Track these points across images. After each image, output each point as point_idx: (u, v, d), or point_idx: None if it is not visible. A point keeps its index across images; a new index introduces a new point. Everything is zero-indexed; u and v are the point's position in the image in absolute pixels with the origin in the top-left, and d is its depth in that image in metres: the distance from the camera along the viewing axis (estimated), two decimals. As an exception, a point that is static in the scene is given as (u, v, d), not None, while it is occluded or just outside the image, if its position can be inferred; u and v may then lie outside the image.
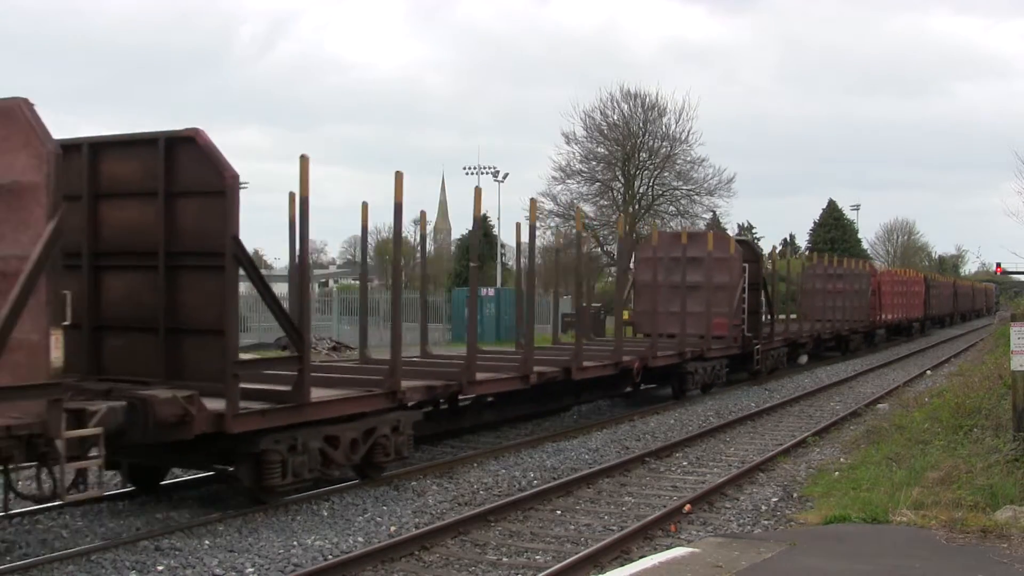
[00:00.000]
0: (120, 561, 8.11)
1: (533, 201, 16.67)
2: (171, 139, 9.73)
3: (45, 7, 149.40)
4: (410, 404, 11.99)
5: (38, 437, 7.64)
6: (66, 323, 7.85)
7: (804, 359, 29.15)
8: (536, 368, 14.79)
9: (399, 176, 11.74)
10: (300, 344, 10.08)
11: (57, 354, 7.58)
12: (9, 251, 7.73)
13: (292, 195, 12.80)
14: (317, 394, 10.39)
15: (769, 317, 25.77)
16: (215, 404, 9.20)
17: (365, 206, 15.15)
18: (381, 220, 73.13)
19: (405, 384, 11.79)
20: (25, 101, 7.71)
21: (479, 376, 13.68)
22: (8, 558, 8.19)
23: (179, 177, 9.69)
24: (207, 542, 8.79)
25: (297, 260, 12.02)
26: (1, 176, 7.79)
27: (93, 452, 8.05)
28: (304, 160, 10.35)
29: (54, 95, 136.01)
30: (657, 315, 21.36)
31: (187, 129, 9.60)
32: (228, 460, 10.00)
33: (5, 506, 8.46)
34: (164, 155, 9.70)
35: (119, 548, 8.45)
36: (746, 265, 23.53)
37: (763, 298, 25.25)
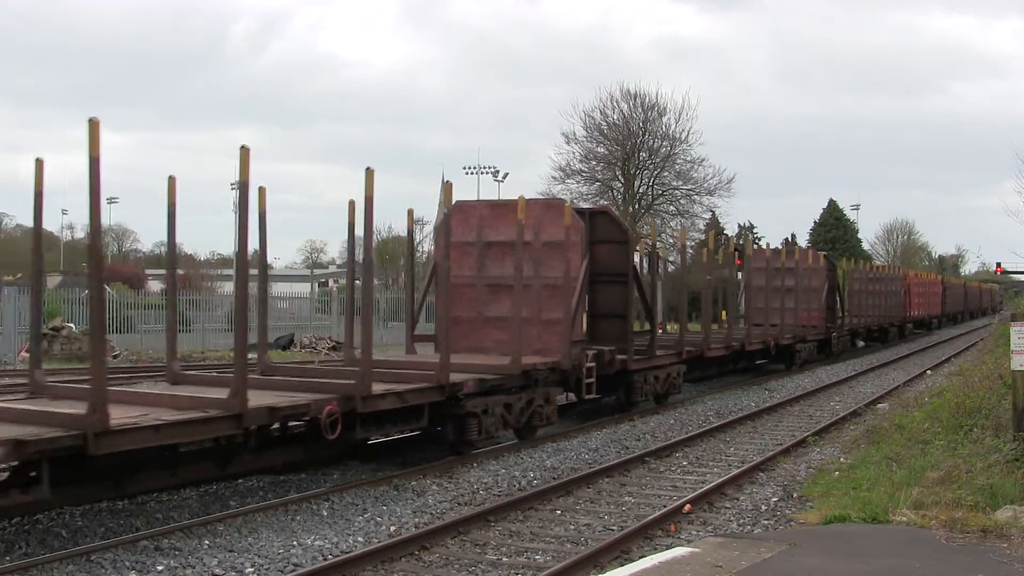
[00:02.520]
0: (120, 561, 8.11)
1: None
2: (593, 212, 18.03)
3: (37, 6, 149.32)
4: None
5: (574, 367, 15.54)
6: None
7: (861, 344, 37.62)
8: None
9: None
10: (652, 321, 19.40)
11: (581, 327, 16.47)
12: (552, 274, 15.78)
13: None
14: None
15: (842, 313, 33.99)
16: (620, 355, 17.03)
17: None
18: (381, 220, 73.15)
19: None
20: (562, 201, 15.18)
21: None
22: (8, 558, 8.19)
23: (598, 233, 17.47)
24: (207, 542, 8.79)
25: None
26: (553, 236, 15.76)
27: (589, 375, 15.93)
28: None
29: (49, 95, 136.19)
30: (769, 310, 26.78)
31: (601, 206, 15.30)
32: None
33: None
34: (590, 221, 17.34)
35: (119, 548, 8.45)
36: (828, 272, 31.64)
37: (836, 298, 33.25)
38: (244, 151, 9.98)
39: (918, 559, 7.66)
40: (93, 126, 8.39)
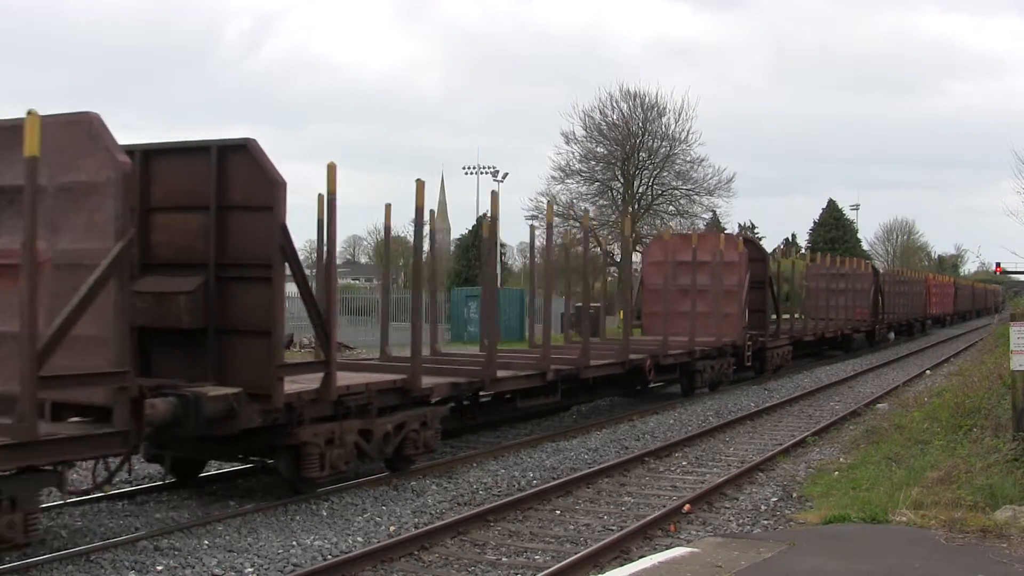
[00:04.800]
0: (119, 561, 8.11)
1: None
2: (747, 239, 19.60)
3: (30, 6, 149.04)
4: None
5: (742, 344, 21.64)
6: None
7: (892, 336, 43.30)
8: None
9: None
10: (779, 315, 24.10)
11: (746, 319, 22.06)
12: (728, 283, 20.05)
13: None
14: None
15: (883, 310, 40.75)
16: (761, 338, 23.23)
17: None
18: (380, 220, 73.12)
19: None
20: (736, 236, 16.28)
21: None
22: (7, 558, 8.18)
23: (751, 254, 22.46)
24: (206, 542, 8.78)
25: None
26: (730, 258, 20.96)
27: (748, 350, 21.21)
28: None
29: (44, 95, 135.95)
30: (828, 307, 31.85)
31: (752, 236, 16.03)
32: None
33: None
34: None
35: (118, 548, 8.44)
36: (873, 277, 39.58)
37: (879, 298, 40.03)
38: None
39: (918, 559, 7.66)
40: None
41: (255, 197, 9.74)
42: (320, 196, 11.79)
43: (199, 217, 10.01)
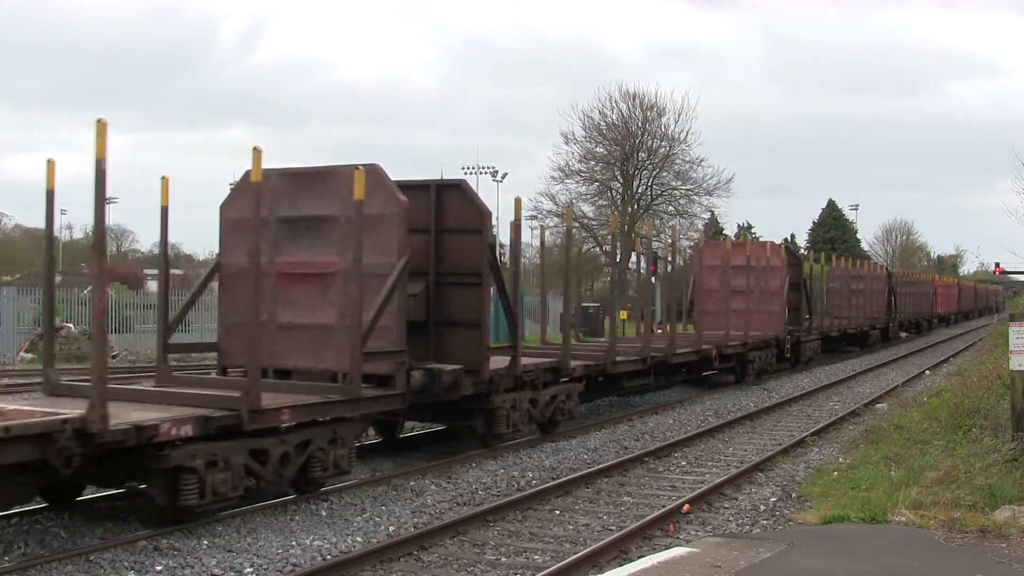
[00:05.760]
0: (119, 561, 8.11)
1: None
2: (788, 248, 23.12)
3: (24, 5, 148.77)
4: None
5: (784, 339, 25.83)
6: None
7: (904, 335, 46.92)
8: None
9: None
10: (812, 314, 28.03)
11: (786, 315, 26.36)
12: (773, 285, 25.77)
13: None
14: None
15: (895, 309, 43.78)
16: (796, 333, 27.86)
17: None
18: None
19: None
20: (780, 245, 18.75)
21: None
22: (7, 558, 8.18)
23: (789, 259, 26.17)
24: (205, 542, 8.78)
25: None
26: (774, 263, 24.83)
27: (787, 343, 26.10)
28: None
29: (40, 95, 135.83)
30: (840, 307, 34.58)
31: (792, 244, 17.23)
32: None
33: None
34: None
35: (117, 548, 8.45)
36: (887, 278, 42.93)
37: (892, 298, 43.12)
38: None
39: (917, 559, 7.66)
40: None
41: (467, 223, 12.81)
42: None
43: (423, 237, 12.79)
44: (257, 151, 9.78)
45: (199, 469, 8.95)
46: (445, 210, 12.92)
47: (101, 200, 8.27)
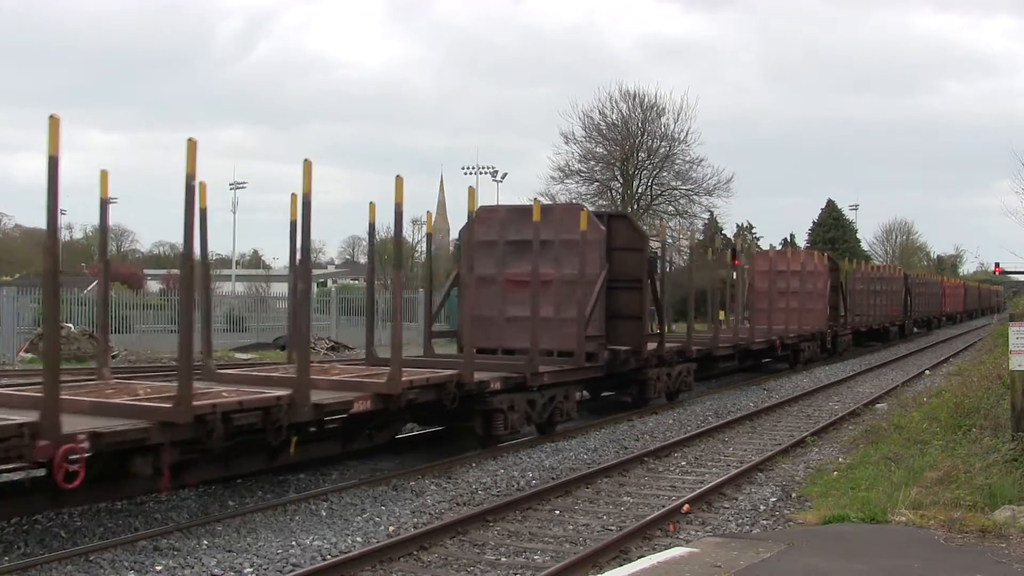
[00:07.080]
0: (118, 561, 8.11)
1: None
2: (831, 256, 30.83)
3: (22, 4, 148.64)
4: None
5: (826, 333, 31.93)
6: None
7: (915, 330, 50.06)
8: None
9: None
10: (846, 311, 34.23)
11: (827, 313, 32.54)
12: (817, 287, 31.50)
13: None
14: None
15: (911, 309, 48.35)
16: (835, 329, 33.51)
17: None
18: (380, 221, 72.96)
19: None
20: (824, 254, 23.69)
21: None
22: (7, 558, 8.19)
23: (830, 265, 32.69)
24: (205, 542, 8.79)
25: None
26: (817, 268, 31.75)
27: (831, 337, 32.53)
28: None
29: (38, 94, 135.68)
30: (863, 306, 38.31)
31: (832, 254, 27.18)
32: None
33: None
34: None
35: (117, 548, 8.45)
36: (904, 280, 47.13)
37: (908, 298, 47.01)
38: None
39: (917, 559, 7.66)
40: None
41: (631, 243, 17.39)
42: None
43: None
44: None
45: (505, 410, 13.41)
46: (615, 234, 17.14)
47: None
